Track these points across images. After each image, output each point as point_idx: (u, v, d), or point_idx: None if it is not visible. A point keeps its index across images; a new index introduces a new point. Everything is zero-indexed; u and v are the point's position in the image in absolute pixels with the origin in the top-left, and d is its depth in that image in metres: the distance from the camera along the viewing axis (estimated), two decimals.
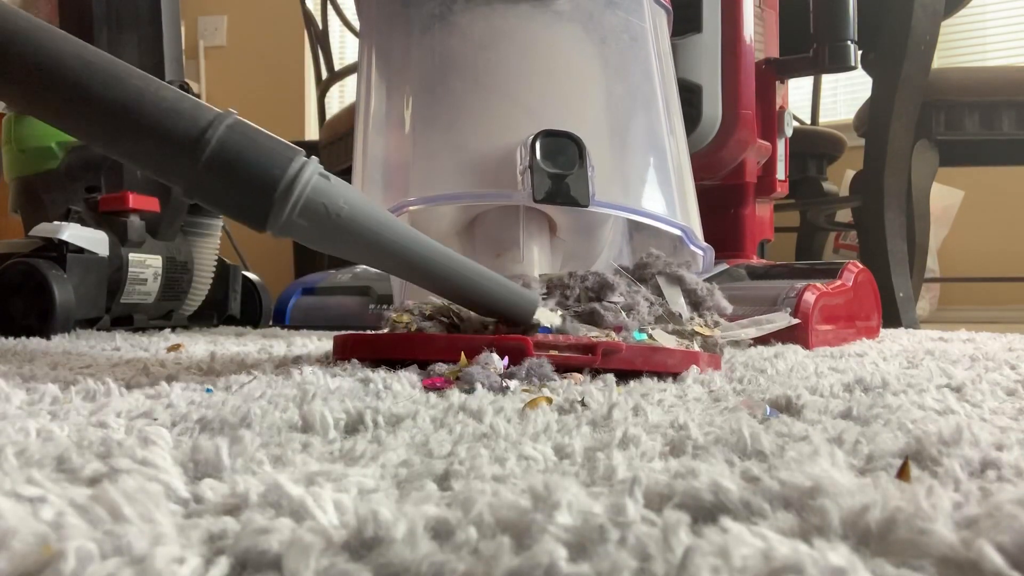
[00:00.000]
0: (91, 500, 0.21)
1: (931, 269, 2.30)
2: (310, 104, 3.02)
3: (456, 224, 0.76)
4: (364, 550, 0.19)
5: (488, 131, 0.67)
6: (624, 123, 0.71)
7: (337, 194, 0.47)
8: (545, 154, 0.59)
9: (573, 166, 0.58)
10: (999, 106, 1.65)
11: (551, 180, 0.59)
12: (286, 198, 0.45)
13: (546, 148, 0.59)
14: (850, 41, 1.17)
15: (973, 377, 0.52)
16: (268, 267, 2.23)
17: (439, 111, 0.70)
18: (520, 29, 0.70)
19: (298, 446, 0.31)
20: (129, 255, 1.20)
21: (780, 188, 1.25)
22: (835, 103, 2.74)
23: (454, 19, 0.71)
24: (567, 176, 0.58)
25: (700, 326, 0.63)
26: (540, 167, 0.58)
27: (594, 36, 0.71)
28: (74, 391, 0.44)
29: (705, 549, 0.17)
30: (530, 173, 0.58)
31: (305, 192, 0.45)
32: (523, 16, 0.70)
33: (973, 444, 0.29)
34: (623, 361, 0.53)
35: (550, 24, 0.70)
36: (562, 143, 0.60)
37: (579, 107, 0.69)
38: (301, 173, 0.45)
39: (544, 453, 0.29)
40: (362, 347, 0.57)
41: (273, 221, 0.45)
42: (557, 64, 0.71)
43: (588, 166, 0.59)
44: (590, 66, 0.72)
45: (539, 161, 0.58)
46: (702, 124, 1.09)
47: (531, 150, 0.59)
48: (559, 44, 0.71)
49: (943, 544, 0.18)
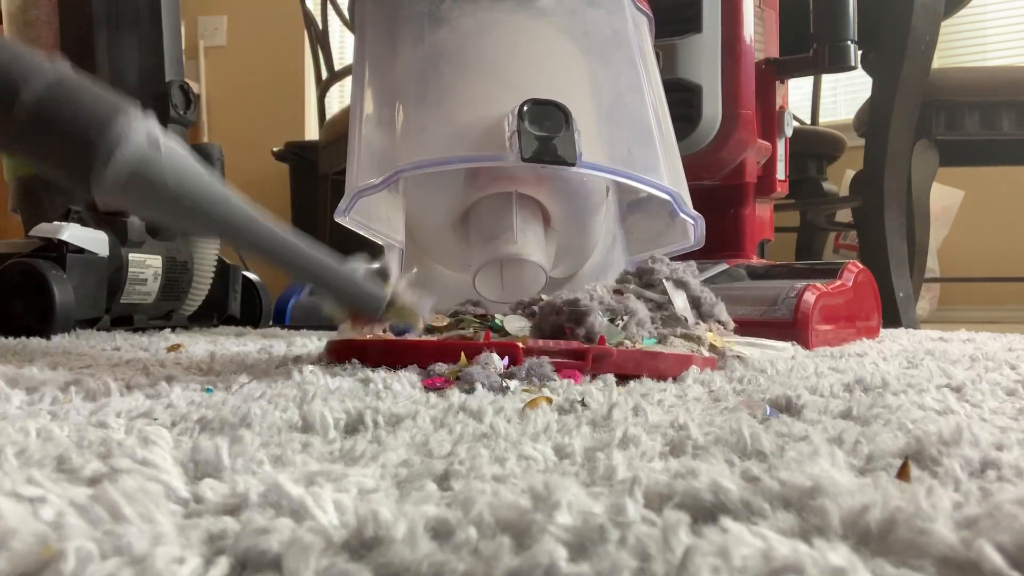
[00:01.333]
0: (91, 500, 0.21)
1: (931, 269, 2.29)
2: (310, 104, 3.01)
3: (452, 215, 0.77)
4: (364, 550, 0.19)
5: (476, 105, 0.69)
6: (608, 100, 0.74)
7: (168, 160, 0.42)
8: (532, 119, 0.61)
9: (560, 130, 0.61)
10: (999, 106, 1.65)
11: (538, 141, 0.61)
12: (106, 161, 0.40)
13: (533, 114, 0.61)
14: (850, 41, 1.17)
15: (973, 377, 0.52)
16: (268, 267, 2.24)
17: (428, 92, 0.73)
18: (506, 21, 0.73)
19: (298, 446, 0.31)
20: (129, 255, 1.20)
21: (780, 188, 1.25)
22: (835, 103, 2.73)
23: (442, 15, 0.73)
24: (554, 138, 0.60)
25: (712, 335, 0.63)
26: (527, 130, 0.60)
27: (576, 29, 0.74)
28: (74, 391, 0.44)
29: (705, 549, 0.17)
30: (518, 136, 0.60)
31: (128, 156, 0.41)
32: (508, 11, 0.73)
33: (973, 444, 0.29)
34: (614, 366, 0.53)
35: (534, 17, 0.73)
36: (548, 110, 0.62)
37: (564, 84, 0.71)
38: (125, 135, 0.41)
39: (544, 453, 0.29)
40: (352, 355, 0.58)
41: (97, 185, 0.41)
42: (541, 49, 0.74)
43: (574, 130, 0.61)
44: (573, 52, 0.74)
45: (526, 125, 0.60)
46: (702, 124, 1.09)
47: (519, 116, 0.61)
48: (543, 33, 0.74)
49: (943, 544, 0.18)
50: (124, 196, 0.42)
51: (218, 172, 0.54)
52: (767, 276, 1.03)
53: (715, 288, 0.70)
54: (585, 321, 0.58)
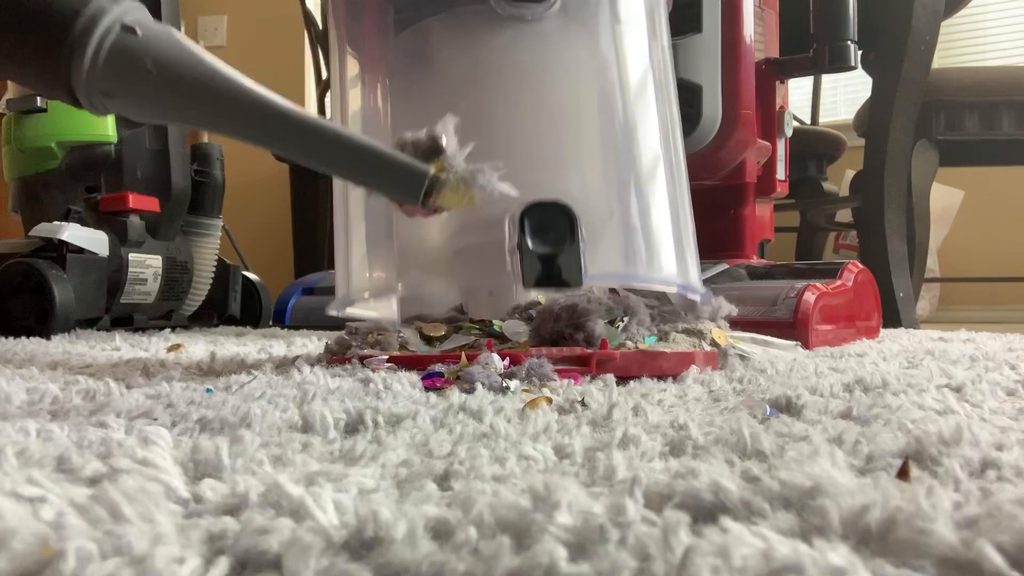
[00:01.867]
0: (91, 500, 0.21)
1: (931, 269, 2.30)
2: (310, 104, 3.01)
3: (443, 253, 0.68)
4: (364, 550, 0.19)
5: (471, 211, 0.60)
6: (620, 136, 0.64)
7: (153, 41, 0.36)
8: (535, 230, 0.54)
9: (564, 242, 0.54)
10: (999, 106, 1.65)
11: (541, 263, 0.55)
12: (82, 48, 0.35)
13: (535, 222, 0.54)
14: (850, 41, 1.17)
15: (973, 377, 0.52)
16: (268, 267, 2.24)
17: None
18: (505, 64, 0.62)
19: (298, 446, 0.31)
20: (129, 255, 1.20)
21: (780, 188, 1.25)
22: (835, 103, 2.74)
23: (431, 53, 0.63)
24: (558, 255, 0.53)
25: (716, 332, 0.63)
26: (529, 249, 0.53)
27: (583, 53, 0.63)
28: (74, 391, 0.44)
29: (705, 549, 0.17)
30: (519, 254, 0.54)
31: (108, 40, 0.36)
32: (507, 47, 0.62)
33: (973, 444, 0.29)
34: (617, 369, 0.53)
35: (536, 53, 0.62)
36: (552, 214, 0.54)
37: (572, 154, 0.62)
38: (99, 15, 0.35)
39: (544, 453, 0.29)
40: None
41: (77, 81, 0.36)
42: (547, 103, 0.63)
43: (580, 240, 0.54)
44: (584, 93, 0.63)
45: (528, 241, 0.53)
46: (702, 124, 1.09)
47: (520, 226, 0.54)
48: (549, 75, 0.63)
49: (943, 544, 0.18)
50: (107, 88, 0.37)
51: None
52: (767, 276, 1.04)
53: (715, 288, 0.70)
54: (585, 326, 0.58)
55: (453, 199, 0.42)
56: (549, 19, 0.59)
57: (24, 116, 1.24)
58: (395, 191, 0.42)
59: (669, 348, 0.58)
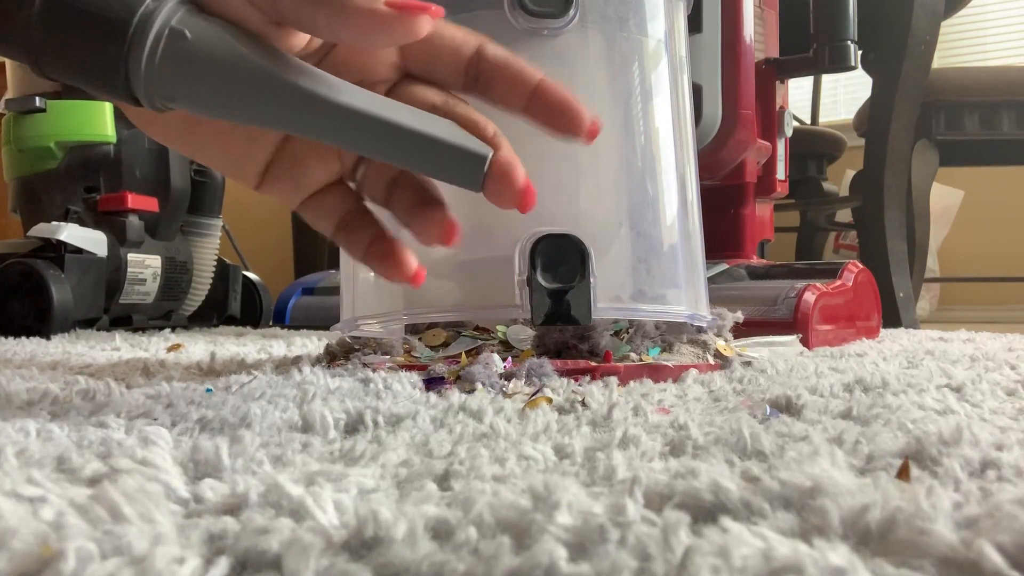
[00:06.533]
0: (91, 500, 0.21)
1: (931, 269, 2.30)
2: None
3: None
4: (364, 550, 0.19)
5: (480, 236, 0.56)
6: (638, 156, 0.61)
7: (205, 43, 0.35)
8: (545, 265, 0.53)
9: (575, 277, 0.53)
10: (999, 106, 1.65)
11: (551, 299, 0.54)
12: (137, 57, 0.34)
13: (546, 256, 0.53)
14: (850, 41, 1.17)
15: (973, 377, 0.52)
16: (268, 267, 2.24)
17: None
18: None
19: (298, 446, 0.31)
20: (128, 255, 1.20)
21: (780, 188, 1.25)
22: (835, 103, 2.74)
23: None
24: (568, 291, 0.52)
25: (722, 345, 0.63)
26: (539, 284, 0.52)
27: (600, 72, 0.61)
28: (74, 391, 0.44)
29: (705, 549, 0.17)
30: (528, 289, 0.53)
31: (159, 46, 0.35)
32: None
33: (973, 444, 0.29)
34: (621, 380, 0.53)
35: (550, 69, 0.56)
36: (563, 247, 0.53)
37: (587, 178, 0.59)
38: (150, 21, 0.34)
39: (544, 453, 0.29)
40: None
41: (136, 81, 0.35)
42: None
43: (591, 275, 0.53)
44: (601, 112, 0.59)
45: (538, 276, 0.52)
46: (702, 124, 1.09)
47: (530, 260, 0.53)
48: None
49: (943, 544, 0.18)
50: (167, 92, 0.36)
51: None
52: (767, 276, 1.03)
53: (715, 288, 0.70)
54: (590, 337, 0.58)
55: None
56: (566, 33, 0.57)
57: (23, 116, 1.24)
58: (454, 177, 0.38)
59: (673, 360, 0.58)
